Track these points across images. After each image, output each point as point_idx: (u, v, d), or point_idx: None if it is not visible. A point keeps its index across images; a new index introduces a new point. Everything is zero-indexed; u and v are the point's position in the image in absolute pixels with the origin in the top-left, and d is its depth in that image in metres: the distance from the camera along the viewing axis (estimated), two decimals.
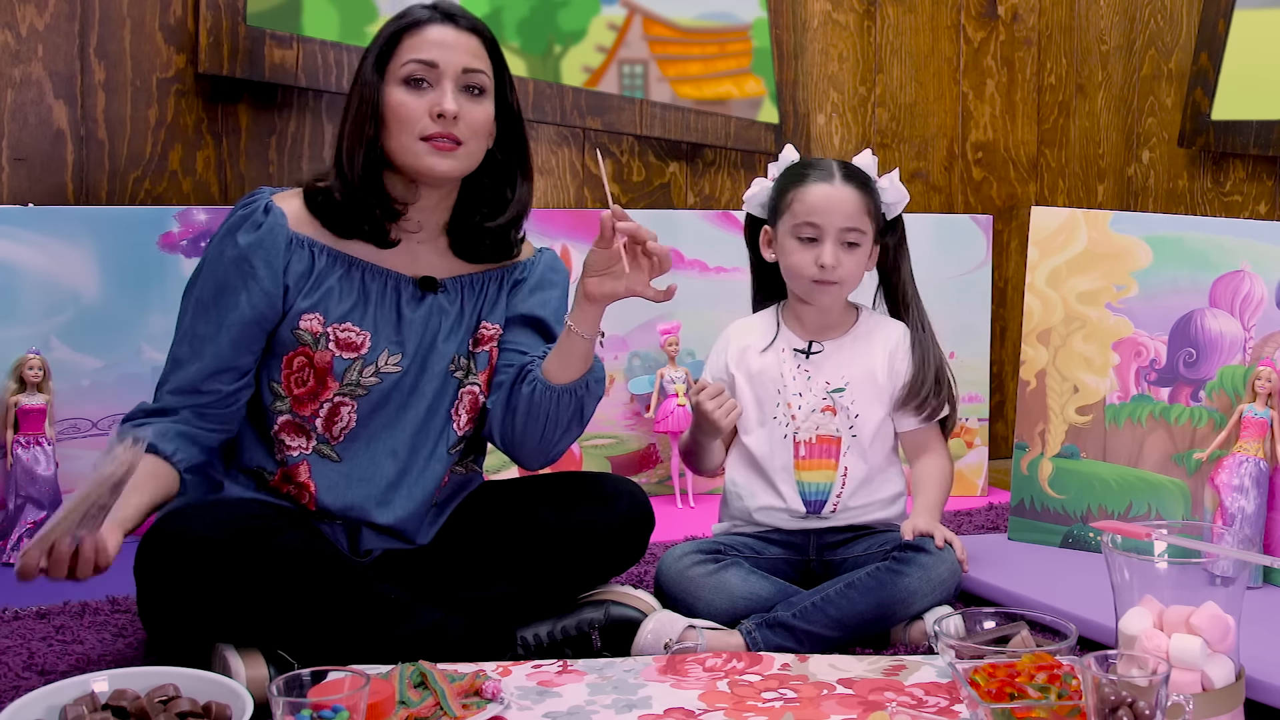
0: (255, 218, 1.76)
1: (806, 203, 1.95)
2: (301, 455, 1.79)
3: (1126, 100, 3.05)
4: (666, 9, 2.94)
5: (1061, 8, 3.18)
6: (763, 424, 2.01)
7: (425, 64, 1.75)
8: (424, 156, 1.76)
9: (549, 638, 1.81)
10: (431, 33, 1.76)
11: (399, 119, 1.75)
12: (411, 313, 1.81)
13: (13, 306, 2.33)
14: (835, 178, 1.96)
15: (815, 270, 1.95)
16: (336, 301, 1.78)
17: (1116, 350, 2.21)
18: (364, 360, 1.79)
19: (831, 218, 1.94)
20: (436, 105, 1.74)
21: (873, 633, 1.84)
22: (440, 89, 1.75)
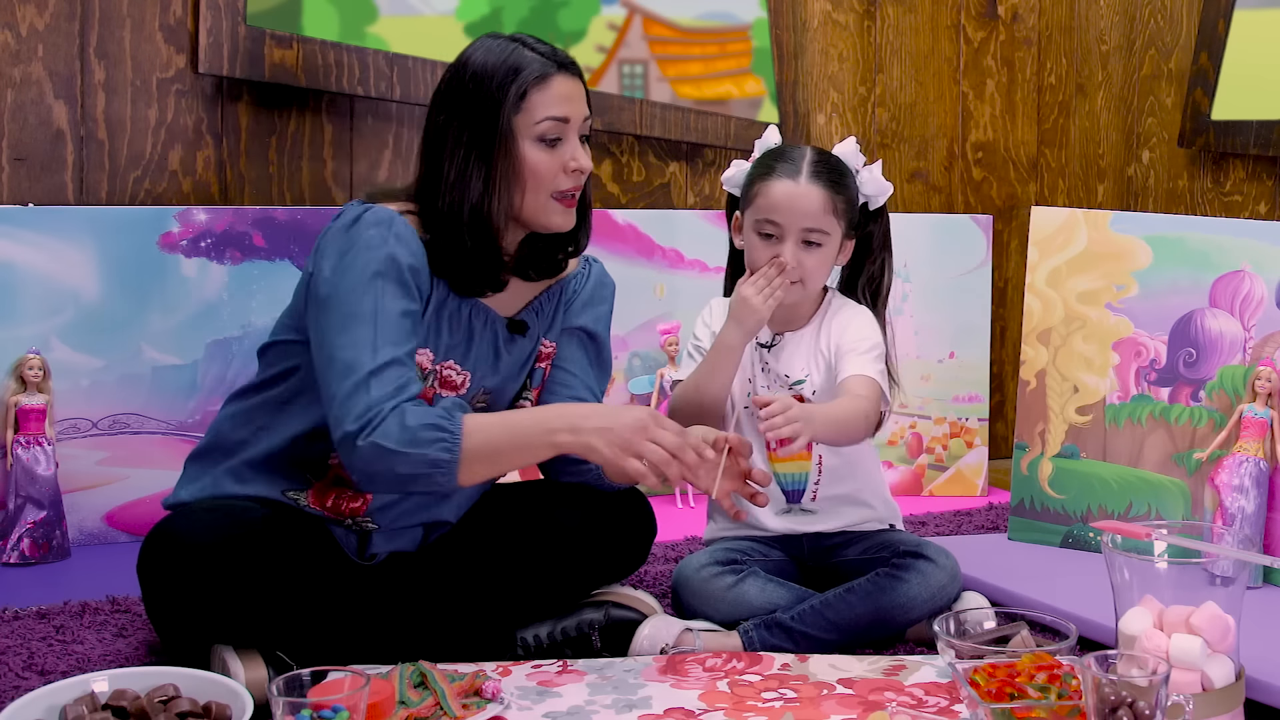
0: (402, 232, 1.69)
1: (769, 198, 1.89)
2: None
3: (1126, 100, 3.05)
4: (666, 9, 2.94)
5: (1061, 8, 3.18)
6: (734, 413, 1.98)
7: (560, 121, 1.73)
8: (554, 214, 1.75)
9: (549, 639, 1.81)
10: (560, 85, 1.73)
11: (536, 177, 1.73)
12: (507, 354, 1.81)
13: (13, 306, 2.33)
14: (801, 175, 1.89)
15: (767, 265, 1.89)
16: (445, 339, 1.76)
17: (1116, 350, 2.21)
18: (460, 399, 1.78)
19: (792, 217, 1.88)
20: (572, 162, 1.74)
21: (870, 639, 1.84)
22: (570, 143, 1.74)
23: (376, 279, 1.66)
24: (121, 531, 2.42)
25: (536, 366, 1.87)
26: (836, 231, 1.91)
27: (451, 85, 1.75)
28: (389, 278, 1.67)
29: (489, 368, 1.80)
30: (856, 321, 1.95)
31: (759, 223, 1.90)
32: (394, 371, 1.64)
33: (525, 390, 1.87)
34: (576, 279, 1.91)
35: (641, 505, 1.92)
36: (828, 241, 1.90)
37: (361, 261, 1.67)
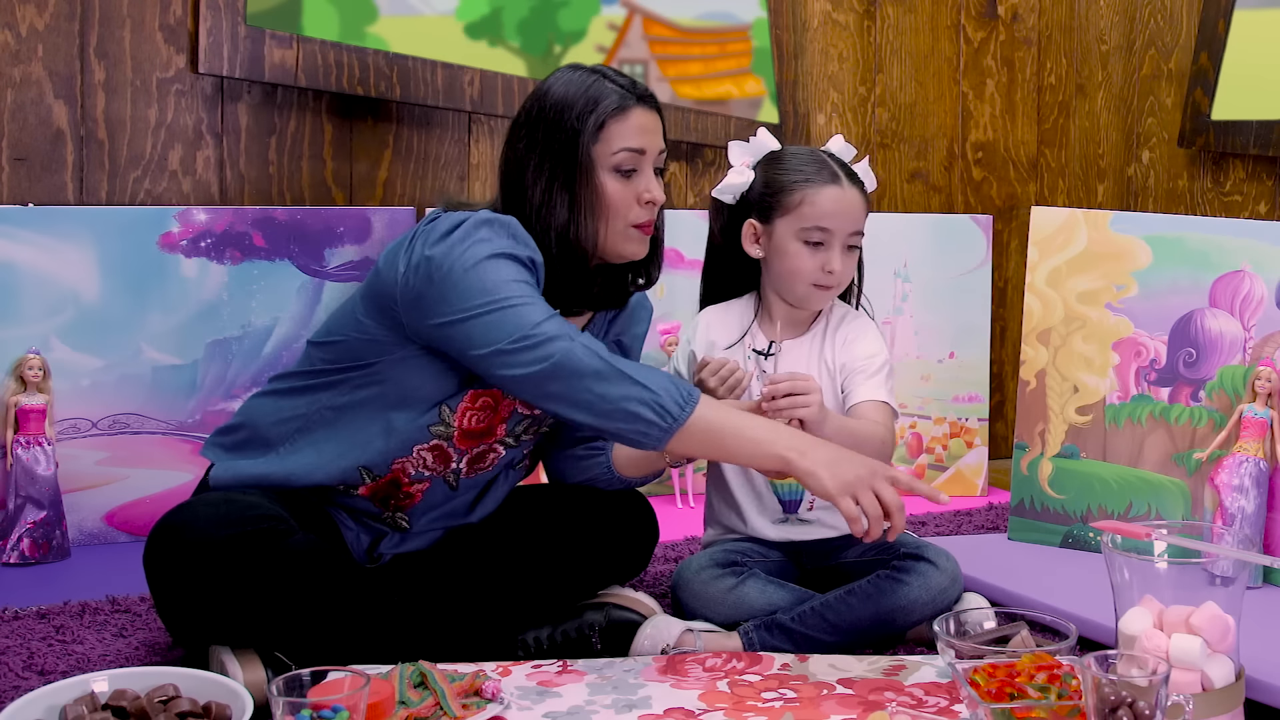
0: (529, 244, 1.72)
1: (819, 206, 1.89)
2: (426, 476, 1.80)
3: (1126, 100, 3.05)
4: (666, 9, 2.94)
5: (1061, 8, 3.18)
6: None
7: (636, 152, 1.76)
8: (630, 244, 1.78)
9: (549, 640, 1.81)
10: (638, 118, 1.76)
11: (613, 208, 1.75)
12: None
13: (13, 306, 2.33)
14: (843, 180, 1.91)
15: (821, 275, 1.90)
16: None
17: (1116, 350, 2.21)
18: (535, 420, 1.82)
19: (843, 222, 1.89)
20: (646, 193, 1.76)
21: (871, 640, 1.84)
22: (644, 174, 1.77)
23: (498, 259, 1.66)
24: (121, 531, 2.42)
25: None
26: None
27: (532, 114, 1.78)
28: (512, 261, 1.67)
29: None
30: (865, 337, 1.96)
31: (807, 231, 1.89)
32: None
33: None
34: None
35: (644, 509, 1.92)
36: (861, 243, 1.94)
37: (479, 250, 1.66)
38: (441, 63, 2.73)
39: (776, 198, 1.92)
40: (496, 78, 2.78)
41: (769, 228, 1.93)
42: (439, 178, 2.79)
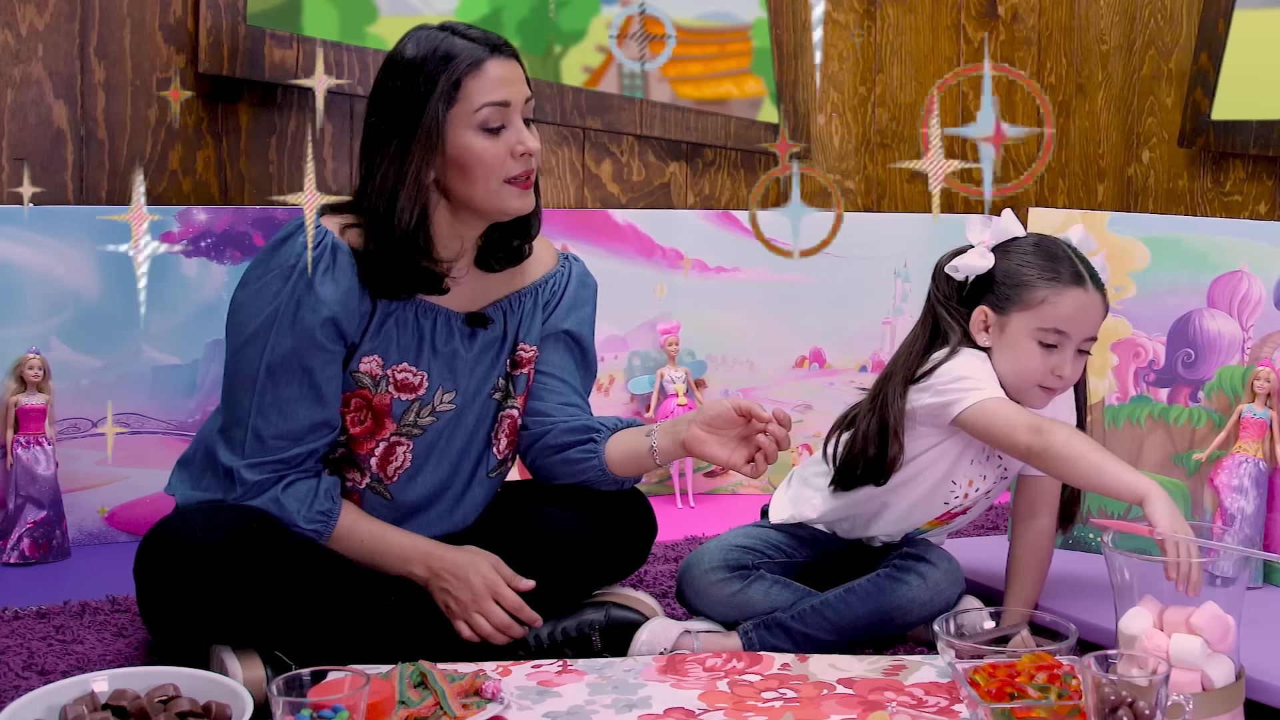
0: (325, 260, 1.68)
1: (1060, 309, 1.80)
2: (354, 488, 1.79)
3: (1126, 100, 3.05)
4: (666, 9, 2.94)
5: (1061, 8, 3.18)
6: (935, 490, 1.90)
7: (500, 106, 1.69)
8: (510, 199, 1.72)
9: (549, 639, 1.81)
10: (494, 70, 1.69)
11: (483, 166, 1.69)
12: (466, 351, 1.79)
13: (13, 306, 2.33)
14: (1088, 283, 1.81)
15: (1050, 378, 1.81)
16: (395, 343, 1.74)
17: (1115, 351, 2.21)
18: (421, 401, 1.77)
19: (1081, 327, 1.81)
20: (519, 145, 1.70)
21: (870, 639, 1.84)
22: (514, 126, 1.70)
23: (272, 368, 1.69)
24: (121, 531, 2.42)
25: (518, 373, 1.85)
26: None
27: (384, 83, 1.71)
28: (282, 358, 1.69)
29: (446, 367, 1.78)
30: (1068, 412, 1.92)
31: (1044, 332, 1.80)
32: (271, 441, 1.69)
33: (509, 398, 1.86)
34: (555, 279, 1.88)
35: (642, 505, 1.92)
36: (1095, 346, 1.87)
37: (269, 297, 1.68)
38: None
39: (1017, 291, 1.83)
40: None
41: (1003, 319, 1.84)
42: None
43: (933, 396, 1.83)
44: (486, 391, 1.83)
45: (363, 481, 1.78)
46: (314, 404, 1.70)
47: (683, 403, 2.69)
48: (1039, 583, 1.89)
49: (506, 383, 1.85)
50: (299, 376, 1.69)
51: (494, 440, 1.85)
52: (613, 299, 2.73)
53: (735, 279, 2.80)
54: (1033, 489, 1.91)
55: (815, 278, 2.79)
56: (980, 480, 1.92)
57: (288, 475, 1.70)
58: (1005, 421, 1.76)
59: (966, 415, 1.79)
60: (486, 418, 1.84)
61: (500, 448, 1.86)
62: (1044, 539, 1.91)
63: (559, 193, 2.88)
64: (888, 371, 1.91)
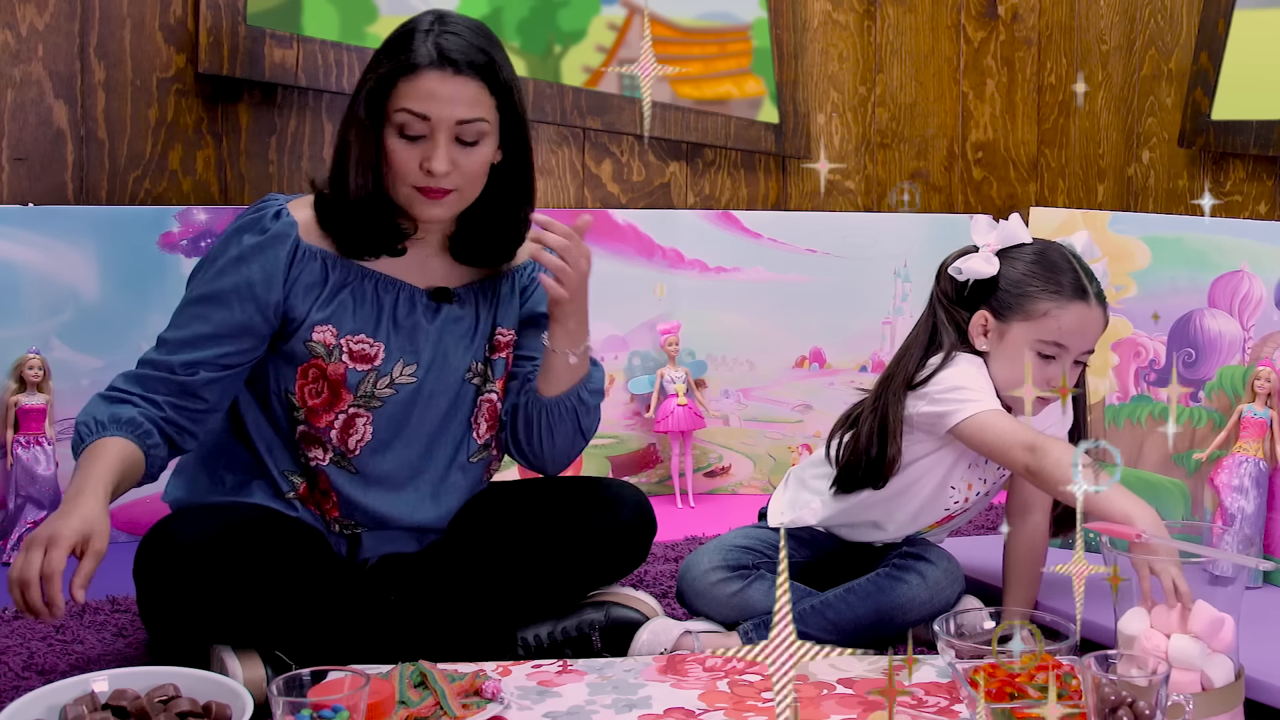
0: (264, 222, 1.73)
1: (1063, 322, 1.79)
2: (319, 466, 1.78)
3: (1126, 100, 3.05)
4: (666, 9, 2.94)
5: (1061, 8, 3.18)
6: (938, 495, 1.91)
7: (418, 116, 1.67)
8: (417, 206, 1.72)
9: (549, 639, 1.81)
10: (426, 82, 1.67)
11: (393, 165, 1.70)
12: (426, 323, 1.79)
13: (13, 306, 2.33)
14: (1090, 297, 1.81)
15: (1045, 389, 1.81)
16: (350, 314, 1.75)
17: (1115, 351, 2.21)
18: (378, 372, 1.77)
19: (1080, 341, 1.81)
20: (426, 161, 1.68)
21: (870, 639, 1.83)
22: (433, 141, 1.68)
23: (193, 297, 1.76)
24: (121, 531, 2.42)
25: (495, 357, 1.85)
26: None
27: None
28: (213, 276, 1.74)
29: (406, 340, 1.78)
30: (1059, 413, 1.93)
31: (1043, 344, 1.80)
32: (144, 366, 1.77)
33: (488, 382, 1.85)
34: (533, 265, 1.87)
35: (641, 503, 1.92)
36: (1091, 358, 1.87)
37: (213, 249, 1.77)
38: None
39: (1019, 300, 1.83)
40: None
41: (1003, 326, 1.84)
42: None
43: (929, 405, 1.83)
44: (461, 374, 1.82)
45: (326, 458, 1.78)
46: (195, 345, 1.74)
47: (683, 403, 2.69)
48: (1036, 581, 1.89)
49: (484, 367, 1.84)
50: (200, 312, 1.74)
51: (474, 424, 1.85)
52: (613, 299, 2.74)
53: (735, 279, 2.80)
54: (1025, 488, 1.90)
55: (815, 278, 2.79)
56: (979, 484, 1.93)
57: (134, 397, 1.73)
58: (1001, 438, 1.75)
59: (962, 428, 1.79)
60: (464, 401, 1.83)
61: (480, 432, 1.85)
62: (1038, 536, 1.91)
63: (559, 193, 2.89)
64: (889, 373, 1.91)
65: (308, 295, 1.73)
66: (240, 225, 1.75)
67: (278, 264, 1.72)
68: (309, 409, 1.76)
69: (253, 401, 1.79)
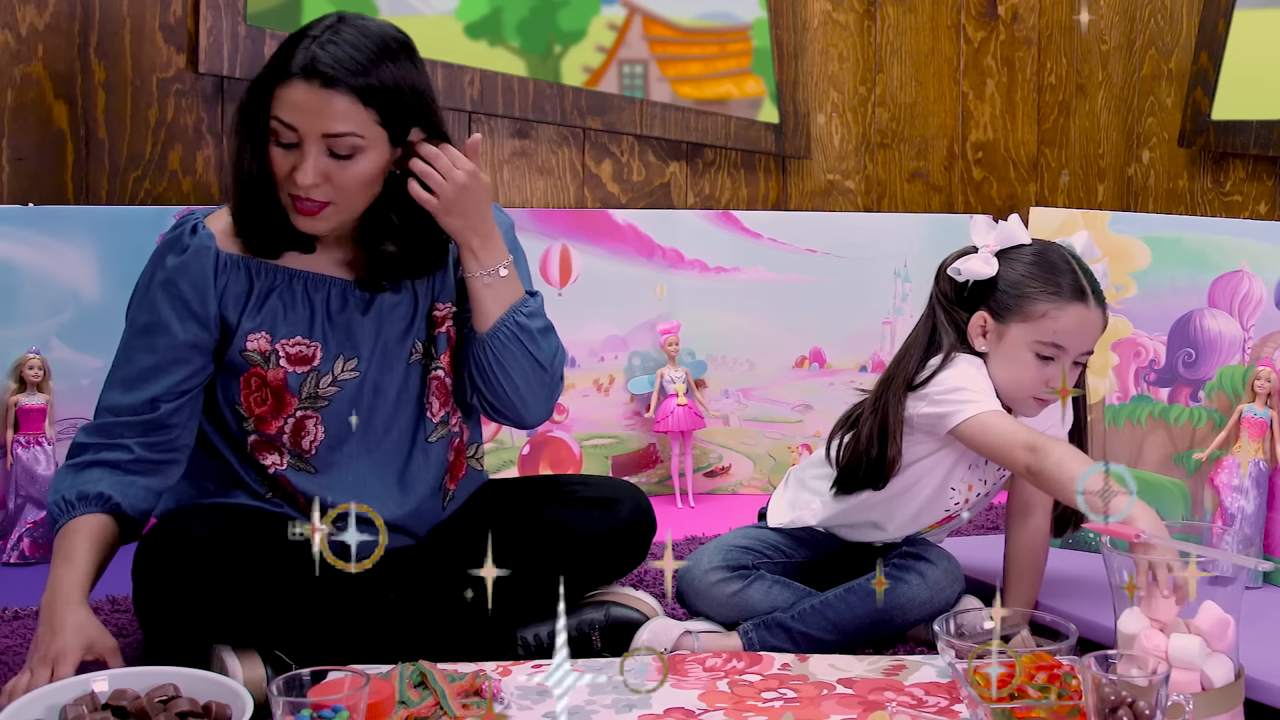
0: (183, 240, 1.72)
1: (1061, 323, 1.79)
2: (278, 471, 1.77)
3: (1126, 100, 3.05)
4: (666, 9, 2.94)
5: (1061, 8, 3.18)
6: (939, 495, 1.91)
7: (286, 126, 1.64)
8: (291, 215, 1.69)
9: (549, 638, 1.81)
10: (294, 93, 1.63)
11: (273, 171, 1.68)
12: (360, 315, 1.77)
13: (13, 306, 2.33)
14: (1089, 298, 1.80)
15: (1044, 390, 1.81)
16: (282, 317, 1.74)
17: (1116, 351, 2.21)
18: (318, 372, 1.75)
19: (1079, 343, 1.80)
20: (296, 171, 1.65)
21: (870, 639, 1.83)
22: (303, 151, 1.64)
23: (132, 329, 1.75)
24: None
25: (437, 333, 1.81)
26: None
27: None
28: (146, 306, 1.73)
29: (342, 335, 1.76)
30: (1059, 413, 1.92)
31: (1042, 344, 1.80)
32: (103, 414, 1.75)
33: (433, 360, 1.82)
34: None
35: (641, 502, 1.91)
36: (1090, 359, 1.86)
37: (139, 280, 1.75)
38: (441, 63, 2.73)
39: (1018, 302, 1.82)
40: (496, 78, 2.78)
41: (1001, 328, 1.83)
42: None
43: (929, 406, 1.82)
44: (404, 358, 1.80)
45: (283, 462, 1.77)
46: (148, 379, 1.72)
47: (683, 403, 2.69)
48: (1036, 582, 1.90)
49: (427, 345, 1.81)
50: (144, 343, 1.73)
51: (427, 405, 1.82)
52: (613, 299, 2.74)
53: (735, 279, 2.80)
54: (1026, 489, 1.91)
55: (815, 278, 2.79)
56: (980, 484, 1.93)
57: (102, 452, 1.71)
58: (1001, 439, 1.75)
59: (963, 428, 1.79)
60: (413, 384, 1.80)
61: (434, 410, 1.83)
62: (1039, 538, 1.91)
63: (559, 192, 2.89)
64: (889, 374, 1.91)
65: (237, 304, 1.72)
66: (161, 249, 1.74)
67: (205, 277, 1.71)
68: (257, 417, 1.75)
69: (206, 418, 1.78)
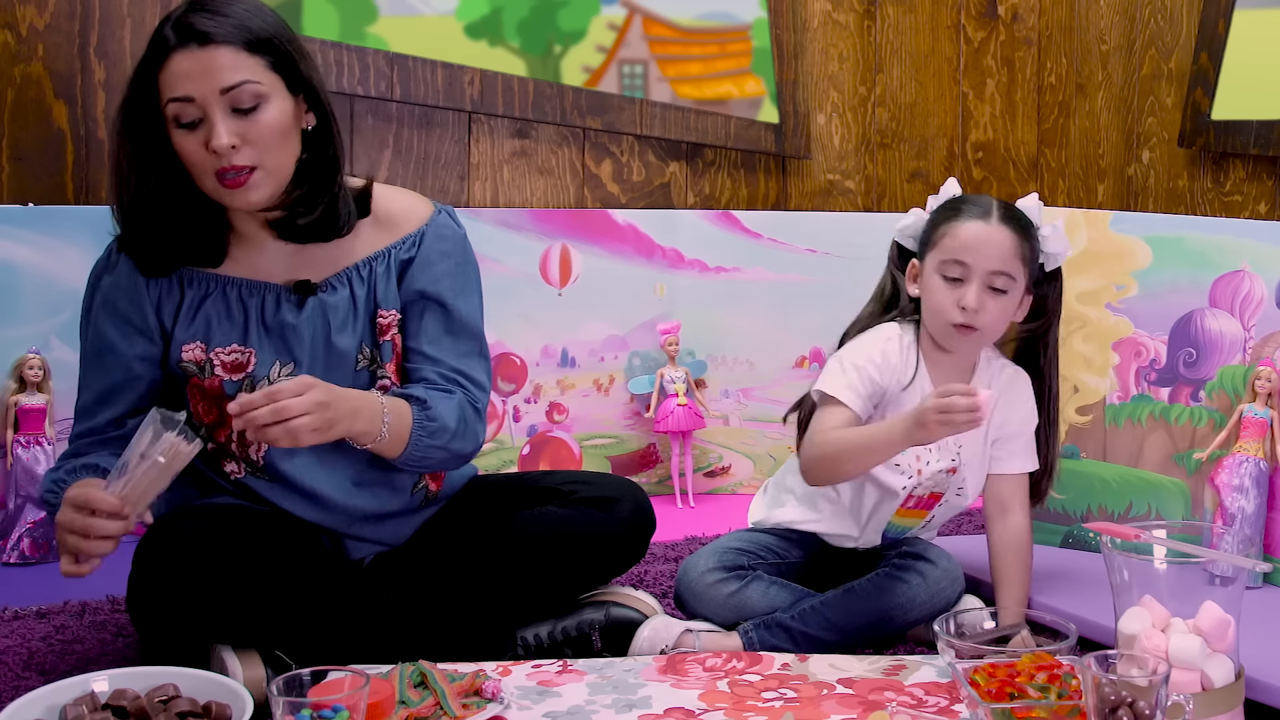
0: (110, 258, 1.73)
1: (958, 238, 1.82)
2: (237, 479, 1.77)
3: (1126, 100, 3.05)
4: (666, 9, 2.94)
5: (1061, 8, 3.18)
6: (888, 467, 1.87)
7: (183, 101, 1.60)
8: (224, 197, 1.66)
9: (549, 638, 1.81)
10: (177, 63, 1.60)
11: (189, 162, 1.64)
12: (294, 319, 1.74)
13: (13, 306, 2.33)
14: (992, 216, 1.83)
15: (957, 313, 1.82)
16: (216, 325, 1.73)
17: (1116, 350, 2.21)
18: (253, 378, 1.73)
19: (981, 258, 1.81)
20: (210, 141, 1.60)
21: (870, 639, 1.83)
22: (209, 121, 1.61)
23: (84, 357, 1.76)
24: None
25: (382, 340, 1.78)
26: (1021, 279, 1.85)
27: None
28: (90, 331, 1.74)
29: (278, 340, 1.74)
30: (1029, 402, 1.93)
31: (945, 264, 1.83)
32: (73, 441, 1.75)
33: (377, 366, 1.79)
34: (412, 239, 1.79)
35: (640, 501, 1.91)
36: (1012, 288, 1.84)
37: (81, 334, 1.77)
38: (441, 63, 2.73)
39: (929, 234, 1.88)
40: (496, 78, 2.78)
41: (920, 265, 1.90)
42: (439, 178, 2.79)
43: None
44: (351, 363, 1.77)
45: (241, 470, 1.77)
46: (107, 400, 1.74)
47: (683, 402, 2.69)
48: (1025, 579, 1.87)
49: (374, 351, 1.79)
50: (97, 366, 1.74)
51: None
52: (613, 299, 2.74)
53: (735, 279, 2.80)
54: (999, 487, 1.91)
55: (815, 278, 2.79)
56: (931, 456, 1.89)
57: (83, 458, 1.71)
58: (813, 424, 1.86)
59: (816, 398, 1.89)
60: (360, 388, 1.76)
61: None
62: (1020, 534, 1.89)
63: (559, 192, 2.89)
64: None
65: (171, 314, 1.73)
66: (96, 272, 1.76)
67: (138, 290, 1.72)
68: (207, 427, 1.75)
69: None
